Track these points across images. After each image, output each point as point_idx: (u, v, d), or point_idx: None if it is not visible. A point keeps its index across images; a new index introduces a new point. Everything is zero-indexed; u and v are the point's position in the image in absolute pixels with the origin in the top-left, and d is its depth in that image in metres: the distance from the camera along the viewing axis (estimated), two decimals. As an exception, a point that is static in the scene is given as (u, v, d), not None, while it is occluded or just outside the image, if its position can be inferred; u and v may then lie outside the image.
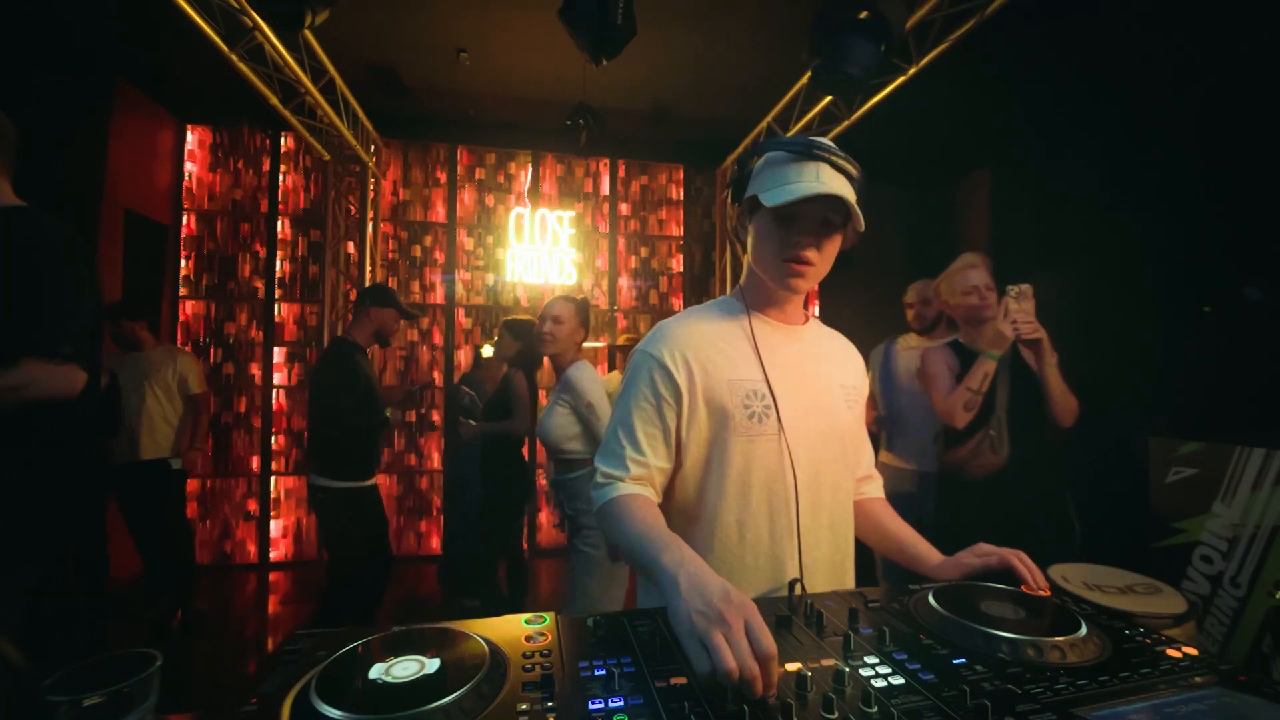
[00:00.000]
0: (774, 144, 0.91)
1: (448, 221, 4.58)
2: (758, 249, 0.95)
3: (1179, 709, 0.56)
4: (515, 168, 4.71)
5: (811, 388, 0.98)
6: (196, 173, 4.21)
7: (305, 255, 4.33)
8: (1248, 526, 1.37)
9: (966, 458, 1.90)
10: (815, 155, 0.87)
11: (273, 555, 4.17)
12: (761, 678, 0.56)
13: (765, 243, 0.92)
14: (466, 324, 4.59)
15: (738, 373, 0.94)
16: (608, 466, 0.93)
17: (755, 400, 0.93)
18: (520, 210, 4.57)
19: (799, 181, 0.86)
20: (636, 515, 0.85)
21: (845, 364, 1.05)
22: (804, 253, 0.90)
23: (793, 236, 0.89)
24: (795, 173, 0.87)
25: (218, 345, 4.19)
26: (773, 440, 0.93)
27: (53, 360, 1.12)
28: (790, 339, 1.00)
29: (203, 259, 4.19)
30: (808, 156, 0.87)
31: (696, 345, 0.95)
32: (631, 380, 0.96)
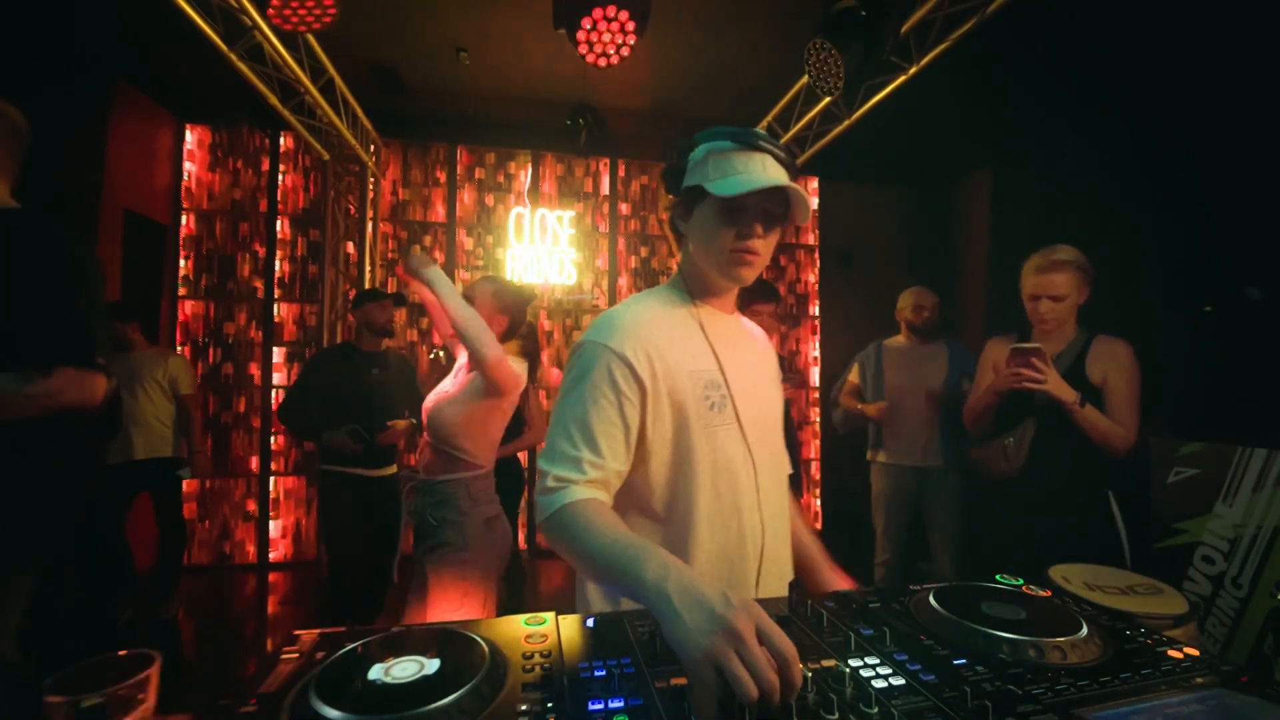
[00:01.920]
0: (714, 134, 0.92)
1: (447, 221, 4.57)
2: (703, 239, 0.94)
3: (1180, 710, 0.56)
4: (515, 167, 4.71)
5: (754, 376, 1.00)
6: (196, 172, 4.21)
7: (305, 255, 4.33)
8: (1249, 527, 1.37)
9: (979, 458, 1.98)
10: (760, 147, 0.89)
11: (272, 555, 4.17)
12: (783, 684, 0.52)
13: (712, 233, 0.92)
14: (466, 324, 4.58)
15: (697, 363, 0.93)
16: (560, 470, 0.84)
17: (714, 391, 0.92)
18: (520, 210, 4.56)
19: (747, 173, 0.87)
20: (598, 522, 0.77)
21: (770, 354, 1.10)
22: (752, 242, 0.90)
23: (742, 227, 0.90)
24: (742, 164, 0.88)
25: (217, 345, 4.19)
26: (731, 430, 0.93)
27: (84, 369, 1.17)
28: (732, 328, 1.03)
29: (202, 259, 4.19)
30: (752, 148, 0.89)
31: (654, 337, 0.91)
32: (583, 375, 0.88)
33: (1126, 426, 1.66)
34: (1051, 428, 1.76)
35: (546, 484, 0.84)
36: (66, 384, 1.15)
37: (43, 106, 3.15)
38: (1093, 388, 1.71)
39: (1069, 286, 1.75)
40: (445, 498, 1.76)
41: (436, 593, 1.70)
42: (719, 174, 0.89)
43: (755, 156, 0.88)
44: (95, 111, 3.46)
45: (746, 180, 0.86)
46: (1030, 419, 1.82)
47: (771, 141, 0.90)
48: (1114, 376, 1.70)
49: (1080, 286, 1.78)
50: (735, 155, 0.89)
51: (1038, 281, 1.78)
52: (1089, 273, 1.78)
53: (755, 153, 0.89)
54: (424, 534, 1.78)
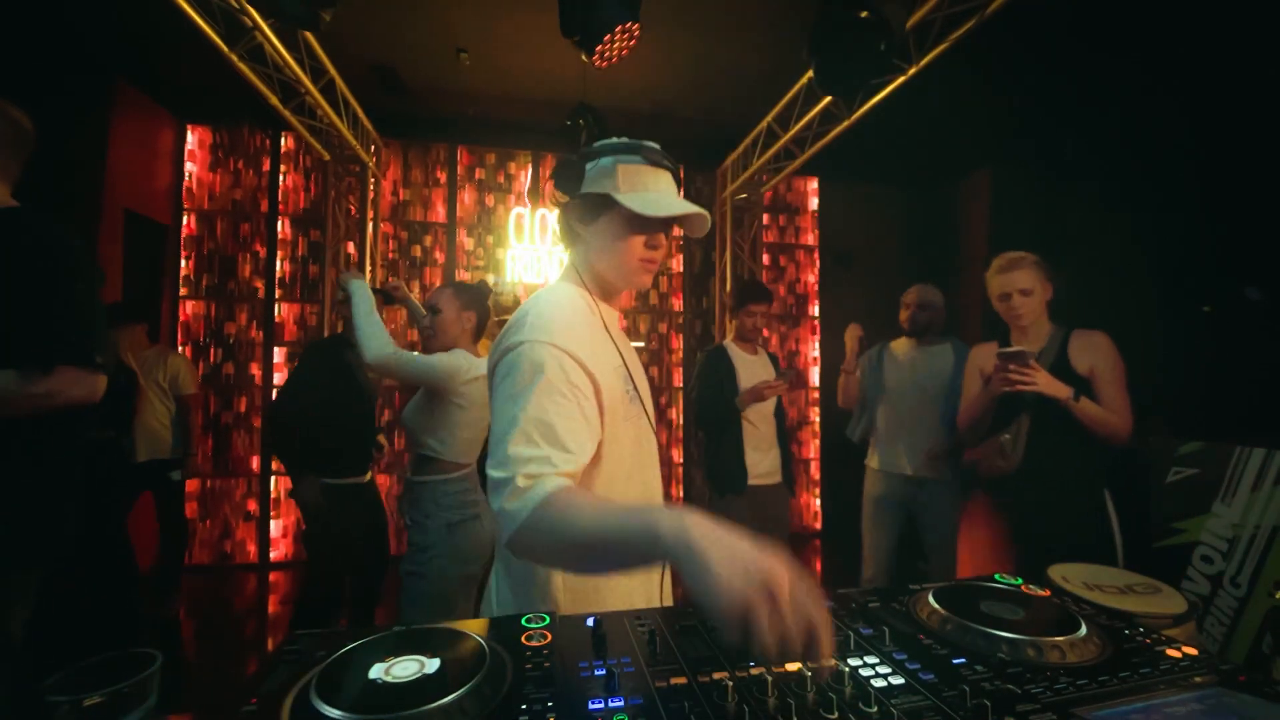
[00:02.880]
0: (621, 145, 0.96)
1: (448, 221, 4.57)
2: (610, 247, 0.98)
3: (1179, 709, 0.56)
4: (515, 168, 4.71)
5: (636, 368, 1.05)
6: (196, 173, 4.21)
7: (305, 255, 4.33)
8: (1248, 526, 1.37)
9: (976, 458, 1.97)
10: (666, 165, 0.96)
11: (273, 555, 4.17)
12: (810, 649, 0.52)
13: (621, 243, 0.96)
14: (466, 324, 4.59)
15: (613, 358, 0.96)
16: (526, 469, 0.76)
17: (629, 383, 0.98)
18: (520, 210, 4.57)
19: (660, 190, 0.94)
20: (585, 505, 0.72)
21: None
22: (659, 253, 0.98)
23: (651, 238, 0.96)
24: (653, 180, 0.94)
25: (218, 345, 4.19)
26: (642, 420, 1.00)
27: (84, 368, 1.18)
28: (614, 323, 1.07)
29: (203, 259, 4.19)
30: (661, 166, 0.95)
31: (582, 334, 0.91)
32: (535, 374, 0.82)
33: (1120, 413, 1.67)
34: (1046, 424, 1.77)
35: (516, 484, 0.75)
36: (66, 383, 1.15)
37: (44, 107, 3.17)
38: (1080, 379, 1.73)
39: (1032, 280, 1.82)
40: (417, 498, 1.84)
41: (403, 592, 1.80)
42: (632, 188, 0.93)
43: (663, 175, 0.95)
44: (96, 112, 3.46)
45: (666, 202, 0.92)
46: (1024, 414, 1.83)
47: (670, 160, 0.97)
48: (1100, 365, 1.72)
49: (1043, 282, 1.84)
50: (645, 171, 0.94)
51: (1002, 280, 1.86)
52: (1048, 269, 1.85)
53: (664, 170, 0.95)
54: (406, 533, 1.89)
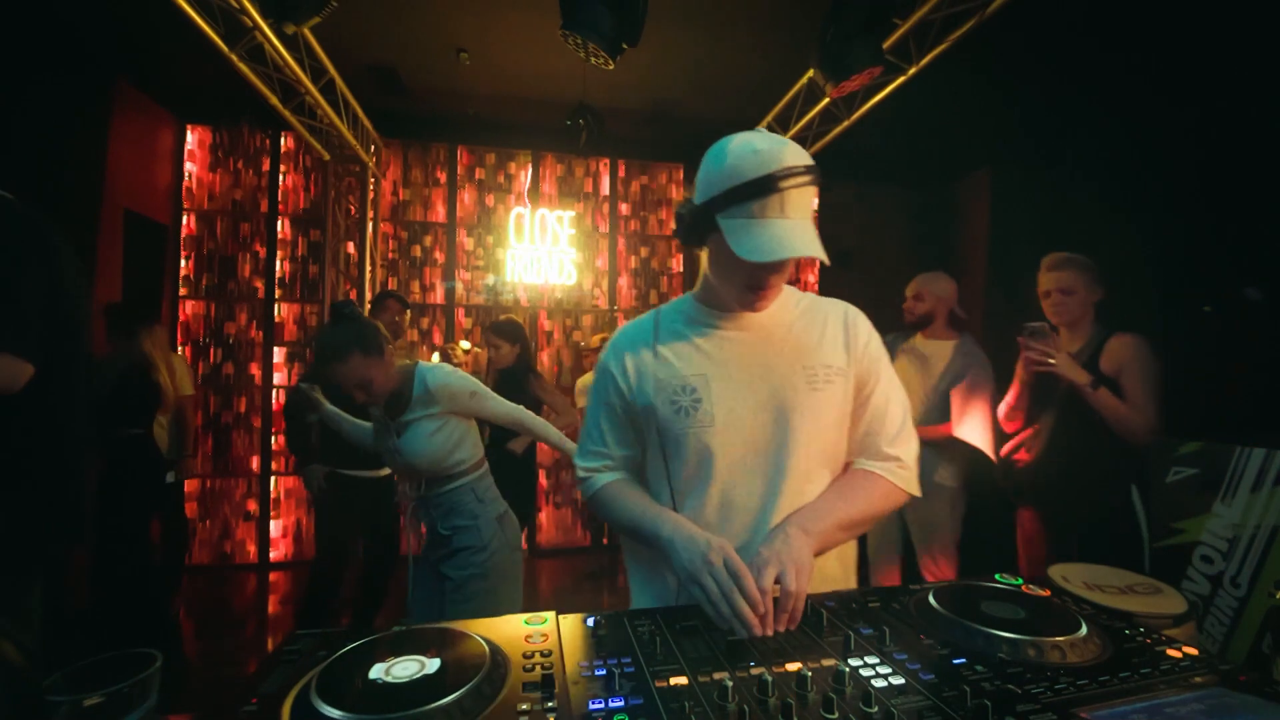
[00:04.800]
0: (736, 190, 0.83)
1: (448, 221, 4.58)
2: (720, 269, 0.93)
3: (1179, 709, 0.56)
4: (515, 168, 4.71)
5: (754, 374, 0.96)
6: (196, 173, 4.21)
7: (305, 255, 4.33)
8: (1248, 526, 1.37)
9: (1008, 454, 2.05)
10: (779, 188, 0.82)
11: (272, 555, 4.17)
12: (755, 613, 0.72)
13: (727, 269, 0.91)
14: (466, 324, 4.59)
15: (667, 372, 0.98)
16: (584, 463, 1.05)
17: (684, 395, 0.96)
18: (520, 210, 4.57)
19: (764, 219, 0.83)
20: (624, 501, 0.99)
21: (821, 341, 0.99)
22: (769, 284, 0.90)
23: (758, 272, 0.88)
24: (759, 207, 0.82)
25: (217, 345, 4.19)
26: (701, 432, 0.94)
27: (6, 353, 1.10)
28: (744, 327, 0.99)
29: (203, 259, 4.19)
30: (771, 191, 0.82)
31: (635, 352, 1.02)
32: (596, 384, 1.07)
33: (1142, 412, 1.71)
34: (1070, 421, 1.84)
35: (578, 475, 1.07)
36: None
37: (44, 107, 3.18)
38: (1106, 378, 1.80)
39: (1075, 281, 1.88)
40: (452, 505, 1.77)
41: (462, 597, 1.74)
42: (733, 214, 0.84)
43: (772, 199, 0.82)
44: (96, 112, 3.46)
45: (765, 246, 0.82)
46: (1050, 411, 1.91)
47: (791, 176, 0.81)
48: (1126, 365, 1.78)
49: (1090, 284, 1.90)
50: (752, 200, 0.83)
51: (1048, 278, 1.94)
52: (1095, 271, 1.91)
53: (774, 194, 0.82)
54: (438, 545, 1.80)
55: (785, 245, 0.81)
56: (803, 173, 0.83)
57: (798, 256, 0.82)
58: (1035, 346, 1.78)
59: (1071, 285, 1.88)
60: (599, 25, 2.24)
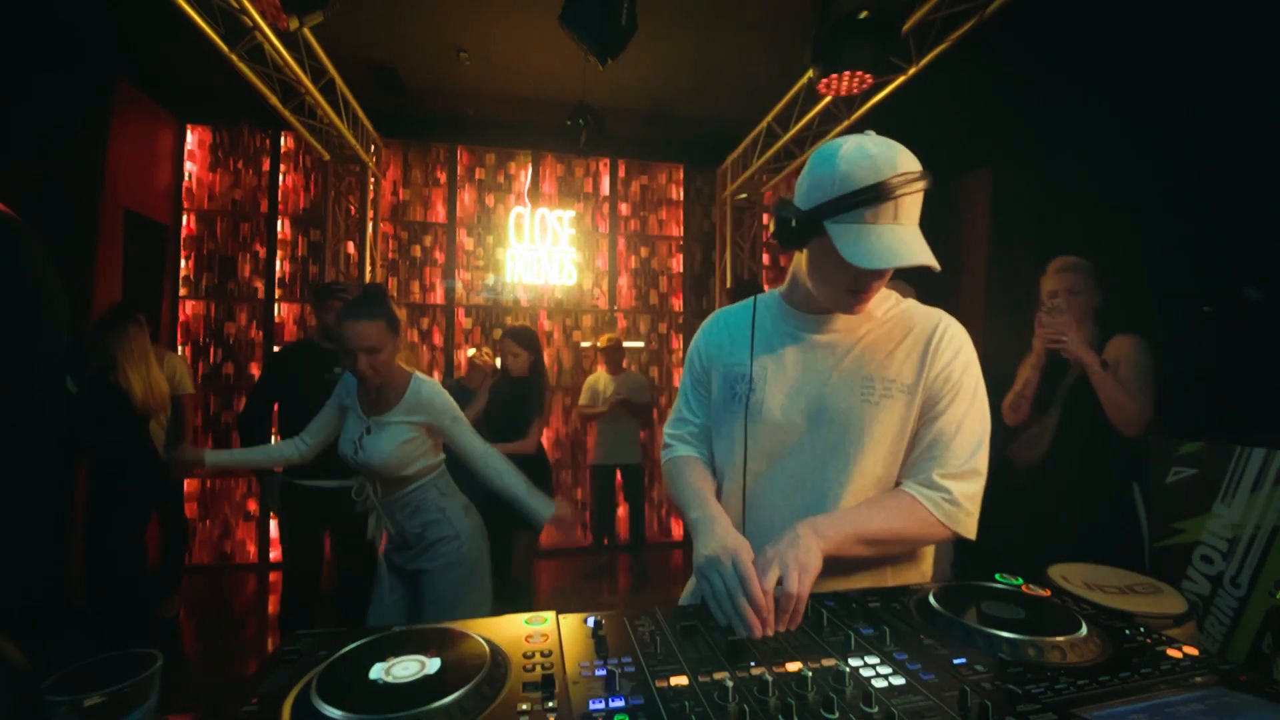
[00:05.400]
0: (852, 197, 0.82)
1: (448, 221, 4.58)
2: (821, 272, 0.91)
3: (1179, 709, 0.56)
4: (515, 168, 4.71)
5: (814, 376, 0.95)
6: (196, 173, 4.21)
7: (305, 255, 4.33)
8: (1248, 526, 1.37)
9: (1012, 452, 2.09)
10: (893, 196, 0.81)
11: (272, 555, 4.17)
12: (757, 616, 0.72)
13: (829, 274, 0.89)
14: (466, 324, 4.59)
15: (733, 358, 1.04)
16: (671, 429, 1.13)
17: (741, 384, 1.00)
18: (520, 210, 4.57)
19: (877, 225, 0.82)
20: (684, 476, 1.03)
21: (894, 353, 0.95)
22: (869, 284, 0.89)
23: (863, 276, 0.87)
24: (872, 213, 0.81)
25: (217, 345, 4.19)
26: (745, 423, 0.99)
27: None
28: (816, 330, 0.98)
29: (202, 259, 4.19)
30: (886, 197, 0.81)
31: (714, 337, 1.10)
32: (689, 354, 1.15)
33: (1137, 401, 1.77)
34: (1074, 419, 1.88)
35: (665, 440, 1.14)
36: None
37: (44, 107, 3.18)
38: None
39: (1081, 284, 1.95)
40: (418, 503, 1.78)
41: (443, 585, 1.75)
42: (843, 219, 0.83)
43: (885, 207, 0.81)
44: (96, 112, 3.46)
45: (879, 253, 0.81)
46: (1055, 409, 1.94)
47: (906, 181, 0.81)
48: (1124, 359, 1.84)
49: (1094, 287, 1.97)
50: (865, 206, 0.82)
51: (1054, 279, 2.00)
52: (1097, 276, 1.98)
53: (887, 202, 0.81)
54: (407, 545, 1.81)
55: (898, 253, 0.81)
56: (917, 178, 0.82)
57: (911, 264, 0.81)
58: (1050, 323, 1.85)
59: (1077, 287, 1.94)
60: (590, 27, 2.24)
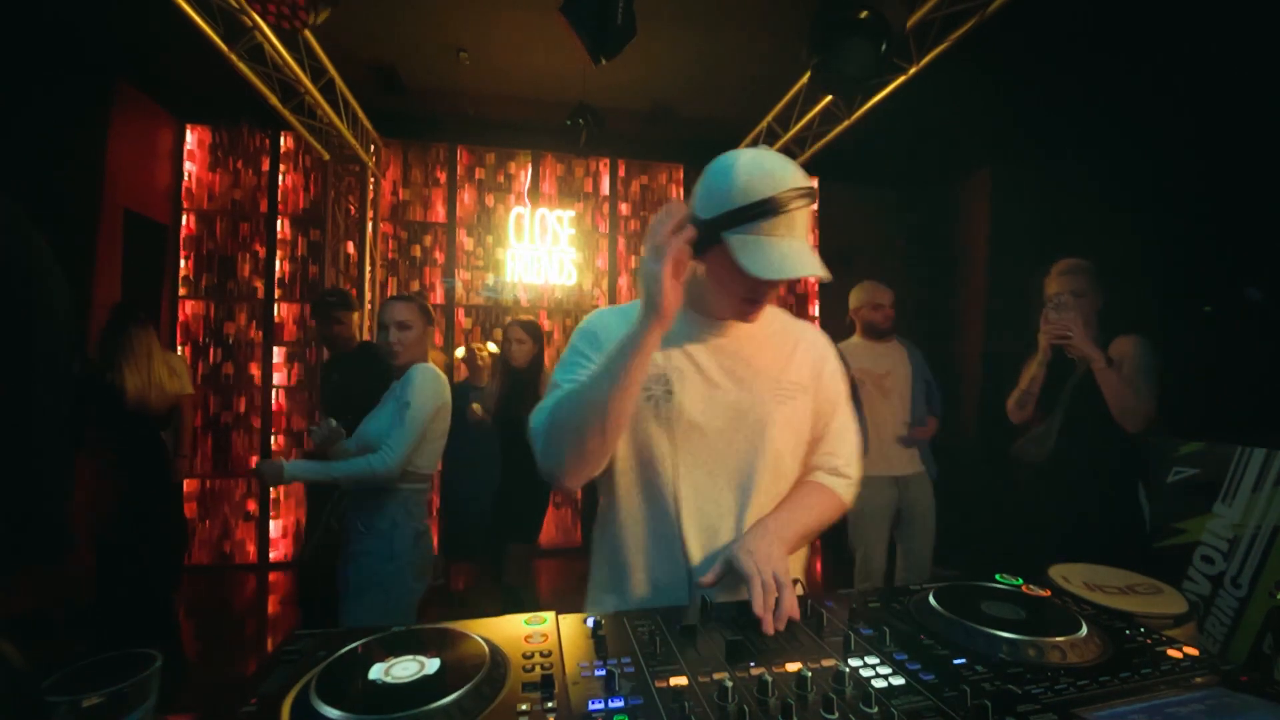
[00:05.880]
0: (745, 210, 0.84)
1: (447, 221, 4.58)
2: (719, 281, 0.93)
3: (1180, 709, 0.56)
4: (515, 168, 4.71)
5: (729, 379, 0.97)
6: (196, 172, 4.21)
7: (305, 255, 4.33)
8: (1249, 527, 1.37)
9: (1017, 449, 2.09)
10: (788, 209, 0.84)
11: (272, 555, 4.17)
12: None
13: (727, 278, 0.90)
14: (466, 324, 4.59)
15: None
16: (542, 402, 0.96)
17: (656, 385, 0.95)
18: (520, 210, 4.57)
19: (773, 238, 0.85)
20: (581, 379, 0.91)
21: (792, 358, 1.02)
22: (764, 294, 0.92)
23: (760, 286, 0.90)
24: (768, 226, 0.84)
25: (217, 345, 4.19)
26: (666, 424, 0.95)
27: None
28: (724, 334, 1.00)
29: (202, 259, 4.19)
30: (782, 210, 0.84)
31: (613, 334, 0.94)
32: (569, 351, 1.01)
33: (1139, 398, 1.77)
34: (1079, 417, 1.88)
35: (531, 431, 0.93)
36: None
37: (43, 107, 3.18)
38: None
39: (1084, 285, 1.94)
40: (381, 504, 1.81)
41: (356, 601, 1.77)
42: (740, 230, 0.85)
43: (780, 220, 0.84)
44: (96, 112, 3.46)
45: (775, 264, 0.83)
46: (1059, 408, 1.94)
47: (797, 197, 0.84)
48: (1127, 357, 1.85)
49: (1096, 288, 1.96)
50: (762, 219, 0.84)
51: (1058, 280, 1.99)
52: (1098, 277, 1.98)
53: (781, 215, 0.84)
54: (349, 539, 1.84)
55: (794, 265, 0.84)
56: (807, 193, 0.86)
57: (807, 276, 0.84)
58: (1055, 319, 1.84)
59: (1082, 289, 1.94)
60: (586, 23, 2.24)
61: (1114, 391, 1.78)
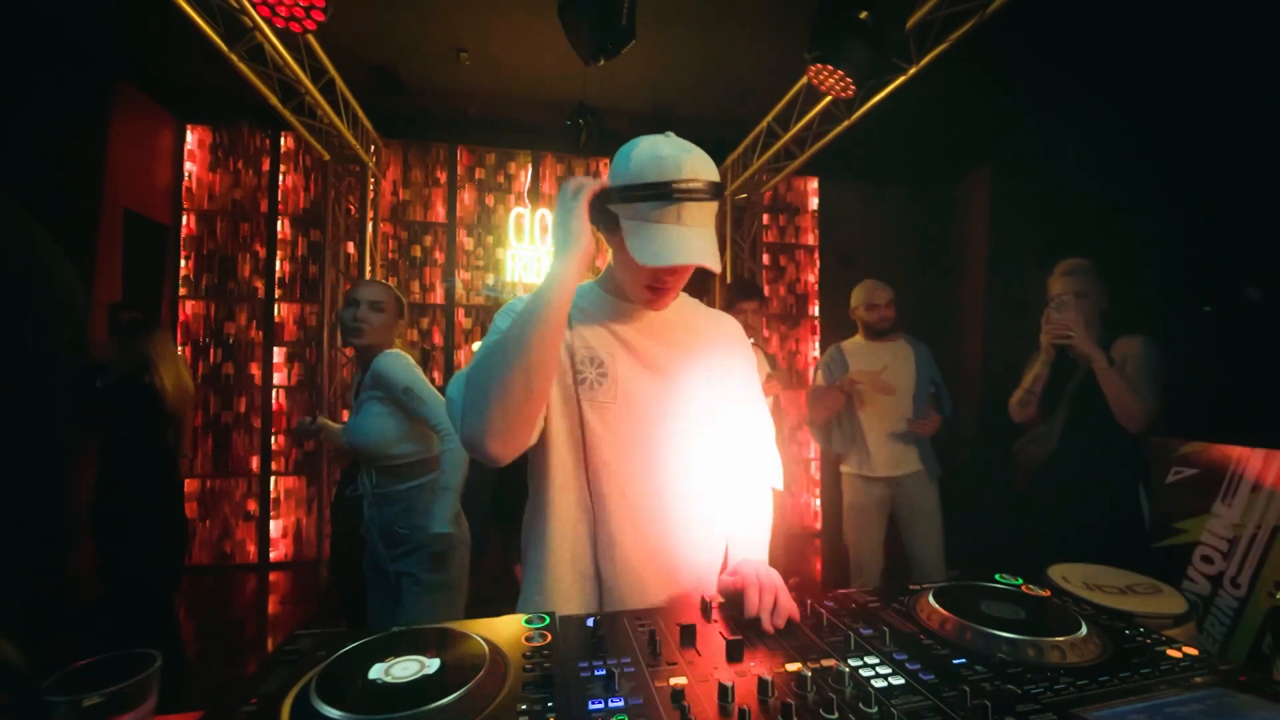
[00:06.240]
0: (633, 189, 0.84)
1: (448, 221, 4.57)
2: (620, 268, 0.95)
3: (1179, 709, 0.56)
4: (515, 168, 4.71)
5: (661, 360, 0.98)
6: (196, 173, 4.21)
7: (305, 255, 4.33)
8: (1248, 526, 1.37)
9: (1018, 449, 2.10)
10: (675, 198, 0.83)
11: (272, 555, 4.17)
12: None
13: (627, 270, 0.92)
14: (466, 324, 4.59)
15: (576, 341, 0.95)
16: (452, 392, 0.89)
17: (590, 368, 0.93)
18: (520, 210, 4.57)
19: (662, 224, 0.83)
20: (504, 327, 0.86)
21: (714, 344, 1.04)
22: (666, 285, 0.92)
23: (660, 273, 0.89)
24: (657, 212, 0.83)
25: (217, 345, 4.19)
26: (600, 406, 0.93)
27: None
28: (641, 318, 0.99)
29: (203, 259, 4.19)
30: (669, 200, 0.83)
31: None
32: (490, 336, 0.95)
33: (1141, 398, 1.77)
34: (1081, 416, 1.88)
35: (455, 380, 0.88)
36: None
37: (43, 107, 3.18)
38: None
39: (1087, 286, 1.94)
40: (409, 504, 1.78)
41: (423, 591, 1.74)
42: (633, 215, 0.85)
43: (668, 208, 0.83)
44: (96, 112, 3.46)
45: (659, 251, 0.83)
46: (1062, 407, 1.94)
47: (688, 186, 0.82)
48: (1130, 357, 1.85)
49: (1099, 290, 1.96)
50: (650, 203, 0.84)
51: (1060, 281, 1.98)
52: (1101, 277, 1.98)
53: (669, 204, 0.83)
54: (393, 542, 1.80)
55: (679, 252, 0.83)
56: (701, 188, 0.83)
57: (689, 264, 0.84)
58: (1057, 319, 1.84)
59: (1085, 289, 1.94)
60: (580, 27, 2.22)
61: (1116, 393, 1.78)
